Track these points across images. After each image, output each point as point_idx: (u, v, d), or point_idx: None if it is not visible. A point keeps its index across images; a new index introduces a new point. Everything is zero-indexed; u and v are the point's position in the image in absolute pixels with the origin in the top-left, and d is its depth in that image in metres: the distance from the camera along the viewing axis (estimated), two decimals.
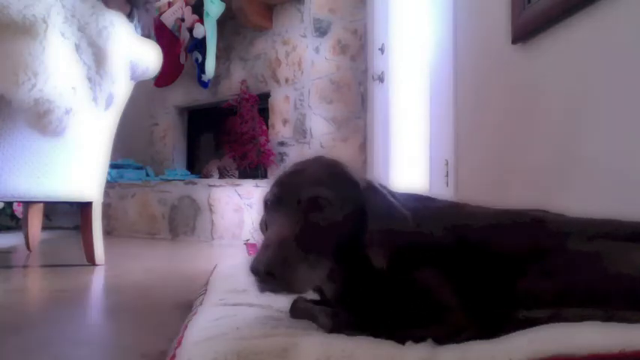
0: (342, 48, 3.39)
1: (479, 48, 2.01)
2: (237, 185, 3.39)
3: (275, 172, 3.48)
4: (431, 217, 0.84)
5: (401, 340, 0.68)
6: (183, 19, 3.72)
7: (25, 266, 2.25)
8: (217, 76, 3.81)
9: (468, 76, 2.10)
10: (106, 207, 3.62)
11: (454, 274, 0.76)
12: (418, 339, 0.68)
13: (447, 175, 2.23)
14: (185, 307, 1.10)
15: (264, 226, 0.84)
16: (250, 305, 0.95)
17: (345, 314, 0.77)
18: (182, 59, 3.82)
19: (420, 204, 0.89)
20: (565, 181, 1.43)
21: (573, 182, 1.39)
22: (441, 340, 0.67)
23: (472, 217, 0.85)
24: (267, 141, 3.63)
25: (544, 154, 1.55)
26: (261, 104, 3.73)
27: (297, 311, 0.87)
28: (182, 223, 3.57)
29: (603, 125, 1.28)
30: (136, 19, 2.30)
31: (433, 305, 0.73)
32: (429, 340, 0.67)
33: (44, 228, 2.83)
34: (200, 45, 3.65)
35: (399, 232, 0.76)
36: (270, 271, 0.65)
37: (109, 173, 3.10)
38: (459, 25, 2.17)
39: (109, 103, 2.05)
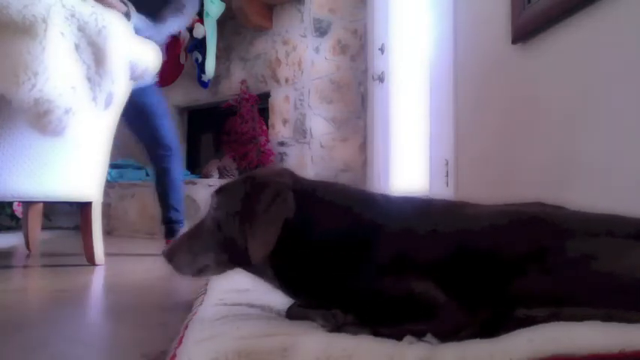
0: (342, 48, 3.39)
1: (479, 48, 2.01)
2: None
3: None
4: (429, 218, 0.85)
5: (399, 336, 0.68)
6: None
7: (25, 266, 2.24)
8: (217, 76, 3.82)
9: (468, 76, 2.10)
10: (106, 207, 3.62)
11: (444, 273, 0.76)
12: (417, 334, 0.68)
13: (447, 175, 2.23)
14: (185, 307, 1.10)
15: None
16: (250, 305, 0.96)
17: (341, 315, 0.77)
18: (182, 59, 3.82)
19: (417, 209, 0.89)
20: (565, 181, 1.43)
21: (574, 181, 1.39)
22: (440, 335, 0.68)
23: (470, 216, 0.85)
24: (267, 141, 3.63)
25: (544, 154, 1.55)
26: (261, 104, 3.73)
27: (293, 316, 0.87)
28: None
29: (603, 125, 1.28)
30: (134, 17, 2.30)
31: (413, 302, 0.74)
32: (429, 336, 0.68)
33: (44, 228, 2.83)
34: (200, 45, 3.65)
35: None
36: (164, 255, 0.89)
37: (109, 173, 3.09)
38: (458, 25, 2.17)
39: (108, 102, 2.05)
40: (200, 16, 3.60)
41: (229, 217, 0.85)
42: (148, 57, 2.26)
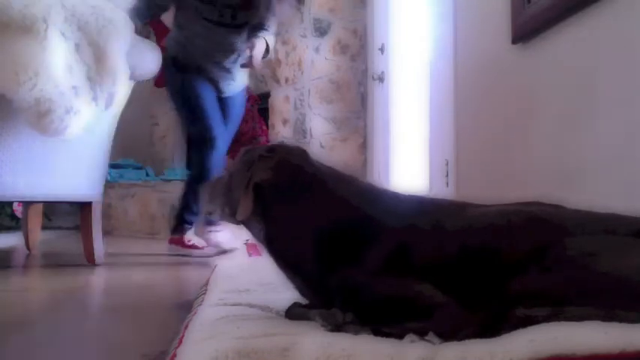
0: (342, 48, 3.39)
1: (479, 48, 2.01)
2: None
3: None
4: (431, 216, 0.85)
5: (399, 335, 0.68)
6: None
7: (25, 266, 2.24)
8: None
9: (468, 76, 2.10)
10: (106, 207, 3.61)
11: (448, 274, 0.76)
12: (418, 333, 0.68)
13: (447, 175, 2.23)
14: (185, 307, 1.10)
15: None
16: (250, 305, 0.95)
17: (340, 314, 0.77)
18: None
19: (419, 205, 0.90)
20: (565, 180, 1.43)
21: (574, 181, 1.39)
22: (439, 333, 0.68)
23: (471, 216, 0.85)
24: (267, 141, 3.63)
25: (544, 153, 1.55)
26: (261, 104, 3.72)
27: (292, 316, 0.87)
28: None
29: (603, 124, 1.28)
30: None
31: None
32: (431, 335, 0.67)
33: (44, 228, 2.83)
34: None
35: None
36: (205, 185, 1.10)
37: (109, 173, 3.09)
38: (459, 25, 2.17)
39: (109, 102, 2.05)
40: None
41: (236, 177, 0.93)
42: (149, 57, 2.26)
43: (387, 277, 0.78)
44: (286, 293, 0.98)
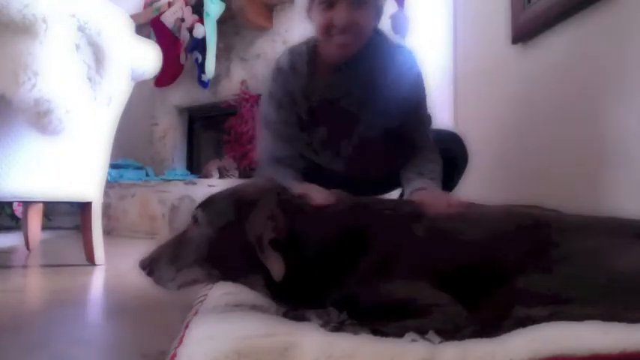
0: None
1: (479, 48, 2.02)
2: None
3: None
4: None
5: (399, 334, 0.68)
6: (183, 19, 3.72)
7: (25, 266, 2.24)
8: (217, 76, 3.81)
9: (468, 76, 2.10)
10: (106, 207, 3.62)
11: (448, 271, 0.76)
12: (417, 331, 0.68)
13: None
14: (185, 307, 1.10)
15: None
16: (251, 306, 0.95)
17: (335, 313, 0.77)
18: (182, 59, 3.82)
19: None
20: (565, 179, 1.43)
21: (573, 180, 1.39)
22: (439, 332, 0.68)
23: (471, 216, 0.85)
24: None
25: (544, 153, 1.55)
26: None
27: (290, 317, 0.87)
28: (182, 223, 3.56)
29: (603, 124, 1.28)
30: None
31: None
32: (431, 334, 0.67)
33: (44, 228, 2.83)
34: (200, 45, 3.65)
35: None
36: (141, 267, 0.88)
37: (109, 173, 3.09)
38: (459, 25, 2.17)
39: (109, 102, 2.05)
40: (200, 16, 3.60)
41: (222, 235, 0.84)
42: (149, 57, 2.26)
43: (384, 282, 0.78)
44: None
